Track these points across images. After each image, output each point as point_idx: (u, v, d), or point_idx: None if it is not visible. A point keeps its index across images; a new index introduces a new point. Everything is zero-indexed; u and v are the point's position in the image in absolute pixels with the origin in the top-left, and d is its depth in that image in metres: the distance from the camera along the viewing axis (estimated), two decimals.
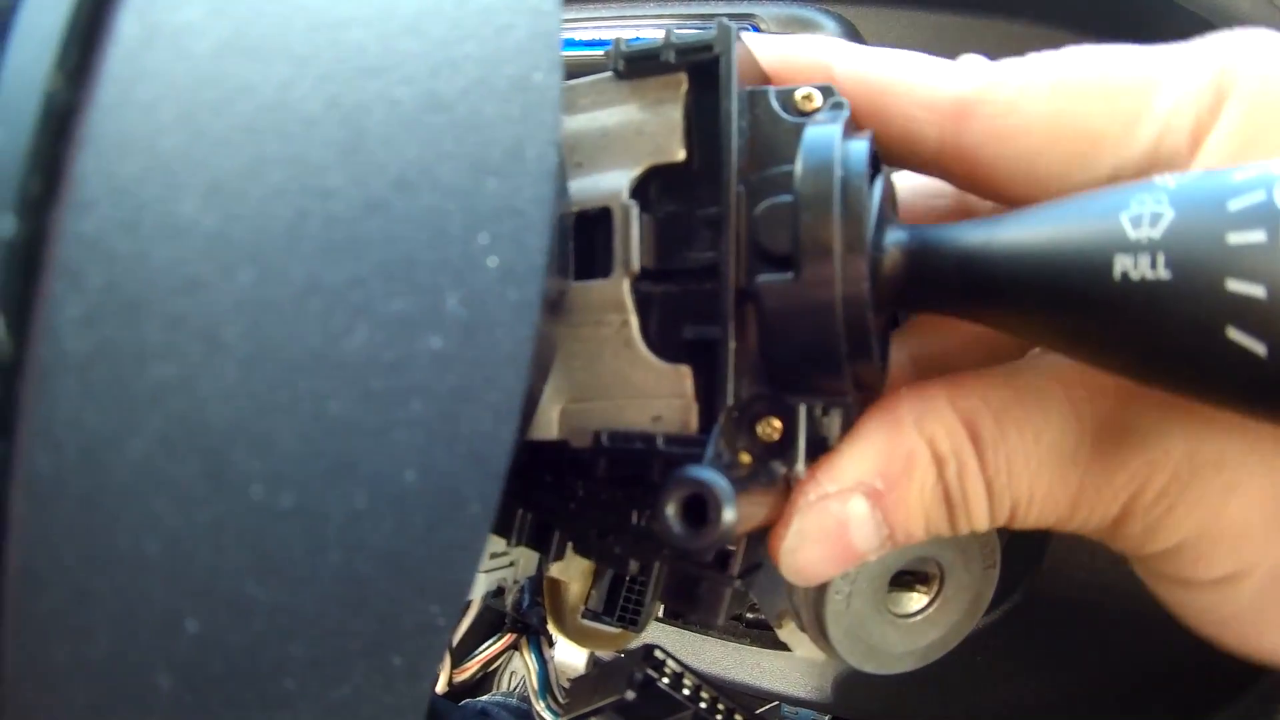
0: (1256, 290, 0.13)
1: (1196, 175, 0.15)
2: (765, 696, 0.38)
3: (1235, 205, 0.13)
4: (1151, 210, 0.14)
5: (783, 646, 0.34)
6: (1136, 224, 0.14)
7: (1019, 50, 0.18)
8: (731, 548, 0.19)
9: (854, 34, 0.33)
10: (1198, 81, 0.17)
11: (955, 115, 0.18)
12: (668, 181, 0.19)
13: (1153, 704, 0.33)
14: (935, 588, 0.23)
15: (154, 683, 0.12)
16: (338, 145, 0.12)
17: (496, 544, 0.24)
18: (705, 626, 0.38)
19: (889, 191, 0.18)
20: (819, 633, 0.22)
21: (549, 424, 0.19)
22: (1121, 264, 0.14)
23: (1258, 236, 0.13)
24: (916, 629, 0.23)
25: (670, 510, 0.15)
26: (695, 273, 0.18)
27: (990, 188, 0.19)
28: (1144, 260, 0.14)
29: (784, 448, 0.17)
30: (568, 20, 0.35)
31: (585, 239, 0.19)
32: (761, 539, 0.18)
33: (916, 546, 0.21)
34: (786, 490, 0.18)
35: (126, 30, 0.11)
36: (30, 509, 0.11)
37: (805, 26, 0.32)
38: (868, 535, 0.18)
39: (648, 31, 0.34)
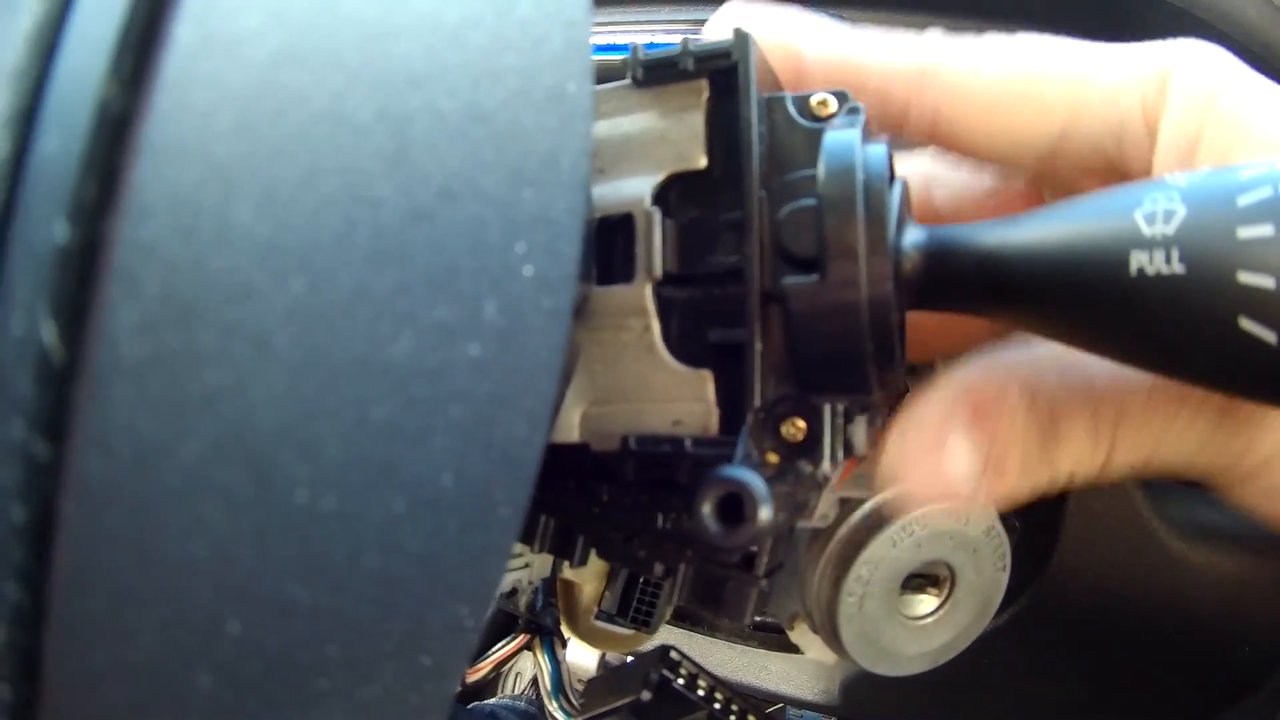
0: (1266, 281, 0.14)
1: (1205, 173, 0.15)
2: (770, 699, 0.38)
3: (1244, 201, 0.14)
4: (1164, 207, 0.15)
5: (788, 649, 0.34)
6: (1150, 221, 0.15)
7: None
8: (753, 548, 0.19)
9: None
10: (1140, 68, 0.19)
11: (920, 76, 0.20)
12: (688, 187, 0.19)
13: (1159, 706, 0.33)
14: (946, 590, 0.23)
15: (194, 683, 0.13)
16: (386, 155, 0.12)
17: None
18: (726, 627, 0.38)
19: (906, 195, 0.19)
20: (831, 634, 0.22)
21: (569, 428, 0.19)
22: (1137, 260, 0.15)
23: (1266, 230, 0.14)
24: (927, 631, 0.23)
25: (706, 509, 0.15)
26: (719, 277, 0.18)
27: (952, 142, 0.21)
28: (1159, 256, 0.15)
29: (809, 447, 0.18)
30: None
31: (606, 244, 0.19)
32: (784, 540, 0.19)
33: (929, 549, 0.22)
34: (815, 490, 0.18)
35: (183, 38, 0.11)
36: (80, 513, 0.11)
37: None
38: (963, 458, 0.18)
39: (659, 37, 0.34)
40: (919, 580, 0.23)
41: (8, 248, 0.11)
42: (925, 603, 0.23)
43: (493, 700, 0.45)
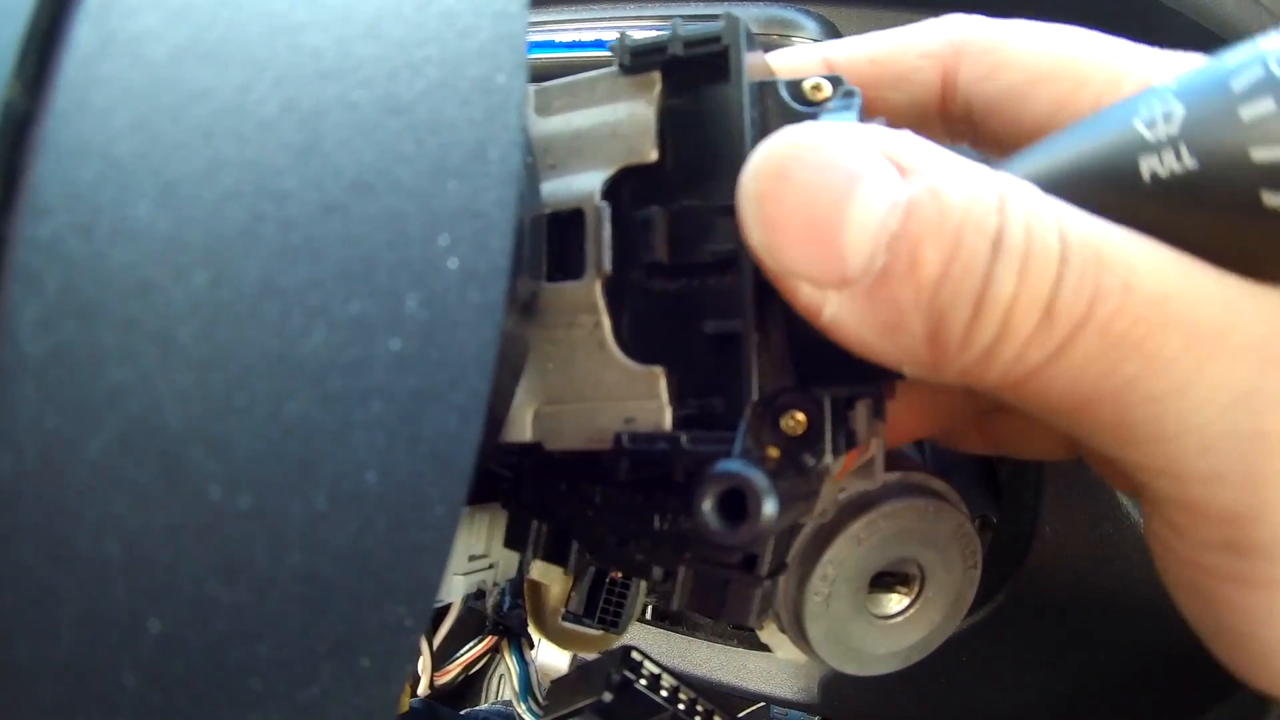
0: (1279, 152, 0.14)
1: (1193, 70, 0.15)
2: (752, 697, 0.38)
3: (1238, 84, 0.14)
4: (1162, 110, 0.15)
5: (768, 648, 0.34)
6: (1151, 125, 0.15)
7: None
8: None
9: (835, 34, 0.33)
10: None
11: (953, 55, 0.20)
12: (642, 182, 0.19)
13: (1141, 702, 0.32)
14: (916, 589, 0.23)
15: (119, 682, 0.13)
16: (293, 148, 0.12)
17: (476, 546, 0.24)
18: (706, 627, 0.38)
19: None
20: (799, 634, 0.22)
21: (523, 427, 0.19)
22: (1148, 165, 0.15)
23: (1268, 105, 0.14)
24: (897, 630, 0.23)
25: (708, 506, 0.15)
26: (713, 266, 0.18)
27: (987, 130, 0.21)
28: (1169, 156, 0.15)
29: (811, 440, 0.17)
30: (548, 21, 0.35)
31: (559, 240, 0.19)
32: (787, 537, 0.18)
33: (896, 547, 0.21)
34: (817, 483, 0.18)
35: (82, 38, 0.11)
36: None
37: (786, 27, 0.32)
38: (868, 221, 0.15)
39: (634, 33, 0.34)
40: (888, 578, 0.23)
41: None
42: (895, 601, 0.23)
43: (484, 706, 0.44)
